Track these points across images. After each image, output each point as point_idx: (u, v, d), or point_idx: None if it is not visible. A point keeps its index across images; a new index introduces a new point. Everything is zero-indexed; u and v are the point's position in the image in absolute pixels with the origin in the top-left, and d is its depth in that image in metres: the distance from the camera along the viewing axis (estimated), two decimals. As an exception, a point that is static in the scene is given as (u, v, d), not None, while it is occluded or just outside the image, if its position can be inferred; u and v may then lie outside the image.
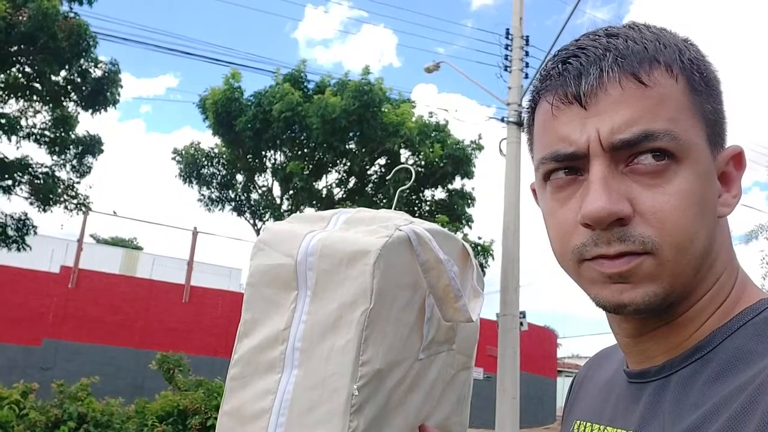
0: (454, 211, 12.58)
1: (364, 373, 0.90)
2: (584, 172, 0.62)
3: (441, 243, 1.02)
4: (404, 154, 12.13)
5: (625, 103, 0.59)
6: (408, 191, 12.24)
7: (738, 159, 0.67)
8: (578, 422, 0.78)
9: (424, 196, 12.92)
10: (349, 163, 12.26)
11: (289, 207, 12.91)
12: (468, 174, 12.51)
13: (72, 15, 10.40)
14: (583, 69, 0.61)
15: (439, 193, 13.05)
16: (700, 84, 0.63)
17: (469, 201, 12.95)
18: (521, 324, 10.59)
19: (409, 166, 2.38)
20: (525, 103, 0.72)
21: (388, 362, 0.94)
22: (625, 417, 0.68)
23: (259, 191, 13.39)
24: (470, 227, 12.88)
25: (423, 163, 12.15)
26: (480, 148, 12.49)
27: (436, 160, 11.85)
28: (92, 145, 12.07)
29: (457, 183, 12.88)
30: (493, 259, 12.60)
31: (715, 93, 0.64)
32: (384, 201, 12.30)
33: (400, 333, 0.96)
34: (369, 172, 12.35)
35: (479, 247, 12.51)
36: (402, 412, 0.97)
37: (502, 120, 10.47)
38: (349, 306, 0.92)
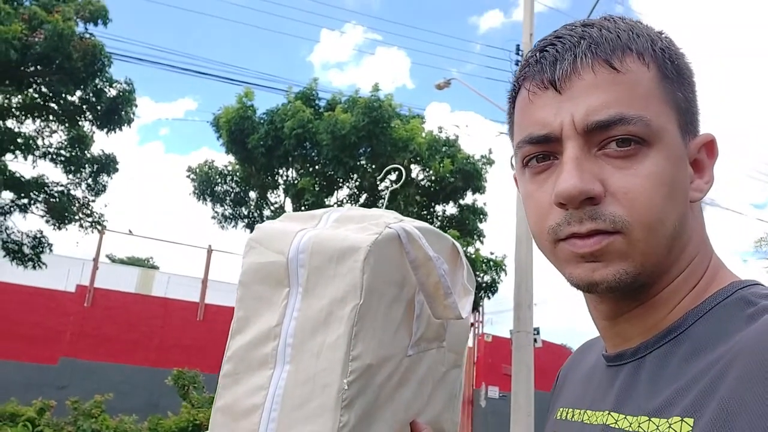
0: (466, 226, 12.54)
1: (354, 368, 0.91)
2: (559, 155, 0.64)
3: (431, 241, 1.04)
4: (414, 169, 12.15)
5: (599, 88, 0.61)
6: (417, 206, 12.24)
7: (710, 147, 0.68)
8: (561, 409, 0.79)
9: (435, 212, 12.90)
10: (359, 179, 12.31)
11: (302, 224, 12.88)
12: (479, 189, 12.49)
13: (87, 35, 10.58)
14: (558, 56, 0.64)
15: (450, 209, 13.01)
16: (672, 72, 0.65)
17: (481, 216, 12.91)
18: (535, 341, 10.51)
19: (400, 166, 2.35)
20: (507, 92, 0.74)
21: (378, 357, 0.95)
22: (604, 399, 0.69)
23: (272, 208, 13.45)
24: (482, 242, 12.83)
25: (433, 178, 12.15)
26: (491, 162, 12.48)
27: (447, 174, 11.84)
28: (107, 164, 12.21)
29: (469, 198, 12.86)
30: (505, 274, 12.54)
31: (686, 82, 0.66)
32: (396, 217, 12.24)
33: (389, 329, 0.98)
34: (380, 188, 12.40)
35: (491, 263, 12.45)
36: (392, 408, 0.98)
37: (513, 134, 10.45)
38: (339, 302, 0.94)
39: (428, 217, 12.68)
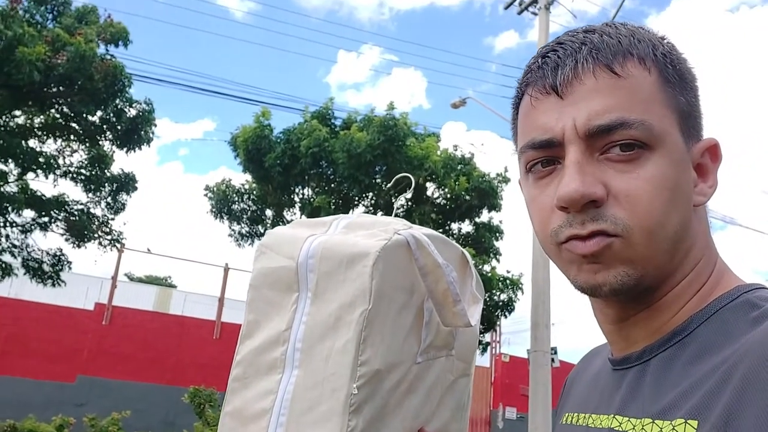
0: (482, 245, 12.50)
1: (363, 373, 0.92)
2: (562, 160, 0.64)
3: (440, 248, 1.04)
4: (430, 187, 12.17)
5: (600, 92, 0.62)
6: (433, 224, 12.23)
7: (714, 151, 0.68)
8: (567, 414, 0.79)
9: (450, 230, 12.88)
10: (375, 197, 12.35)
11: (318, 242, 12.89)
12: (495, 207, 12.46)
13: (108, 57, 10.78)
14: (559, 61, 0.64)
15: (466, 227, 12.99)
16: (674, 77, 0.65)
17: (497, 234, 12.86)
18: (553, 360, 10.40)
19: (409, 175, 2.31)
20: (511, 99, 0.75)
21: (386, 363, 0.95)
22: (609, 403, 0.69)
23: (288, 226, 13.51)
24: (498, 261, 12.76)
25: (449, 196, 12.15)
26: (506, 180, 12.46)
27: (462, 192, 11.85)
28: (126, 183, 12.37)
29: (485, 216, 12.84)
30: (522, 293, 12.46)
31: (688, 86, 0.66)
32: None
33: (398, 335, 0.98)
34: (395, 206, 12.42)
35: (508, 281, 12.38)
36: (400, 414, 0.98)
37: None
38: (348, 307, 0.94)
39: (444, 235, 12.64)
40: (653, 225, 0.60)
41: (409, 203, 12.32)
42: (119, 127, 11.38)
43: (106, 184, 12.27)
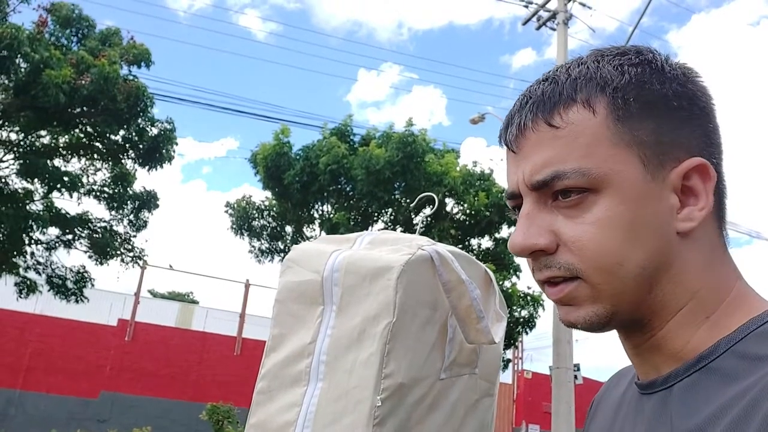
0: (502, 260, 12.45)
1: (386, 386, 0.93)
2: None
3: (463, 266, 1.05)
4: (449, 203, 12.17)
5: (541, 146, 0.65)
6: (452, 239, 12.21)
7: (701, 170, 0.65)
8: None
9: (470, 245, 12.84)
10: (394, 213, 12.37)
11: (337, 258, 12.91)
12: (515, 222, 12.36)
13: (131, 78, 10.99)
14: (511, 118, 0.69)
15: (486, 242, 12.96)
16: (630, 109, 0.63)
17: (517, 250, 12.78)
18: (576, 377, 10.29)
19: (433, 195, 2.28)
20: None
21: (410, 377, 0.96)
22: (634, 427, 0.69)
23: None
24: (518, 276, 12.69)
25: (468, 212, 12.14)
26: (527, 196, 12.39)
27: (482, 208, 11.84)
28: (148, 201, 12.54)
29: (504, 231, 12.79)
30: (543, 309, 12.36)
31: (657, 113, 0.64)
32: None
33: (422, 350, 0.99)
34: (414, 221, 12.43)
35: (528, 297, 12.30)
36: (423, 431, 0.98)
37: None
38: (372, 320, 0.95)
39: (463, 251, 12.59)
40: (607, 265, 0.62)
41: (429, 219, 12.32)
42: (141, 146, 11.57)
43: (129, 202, 12.45)
